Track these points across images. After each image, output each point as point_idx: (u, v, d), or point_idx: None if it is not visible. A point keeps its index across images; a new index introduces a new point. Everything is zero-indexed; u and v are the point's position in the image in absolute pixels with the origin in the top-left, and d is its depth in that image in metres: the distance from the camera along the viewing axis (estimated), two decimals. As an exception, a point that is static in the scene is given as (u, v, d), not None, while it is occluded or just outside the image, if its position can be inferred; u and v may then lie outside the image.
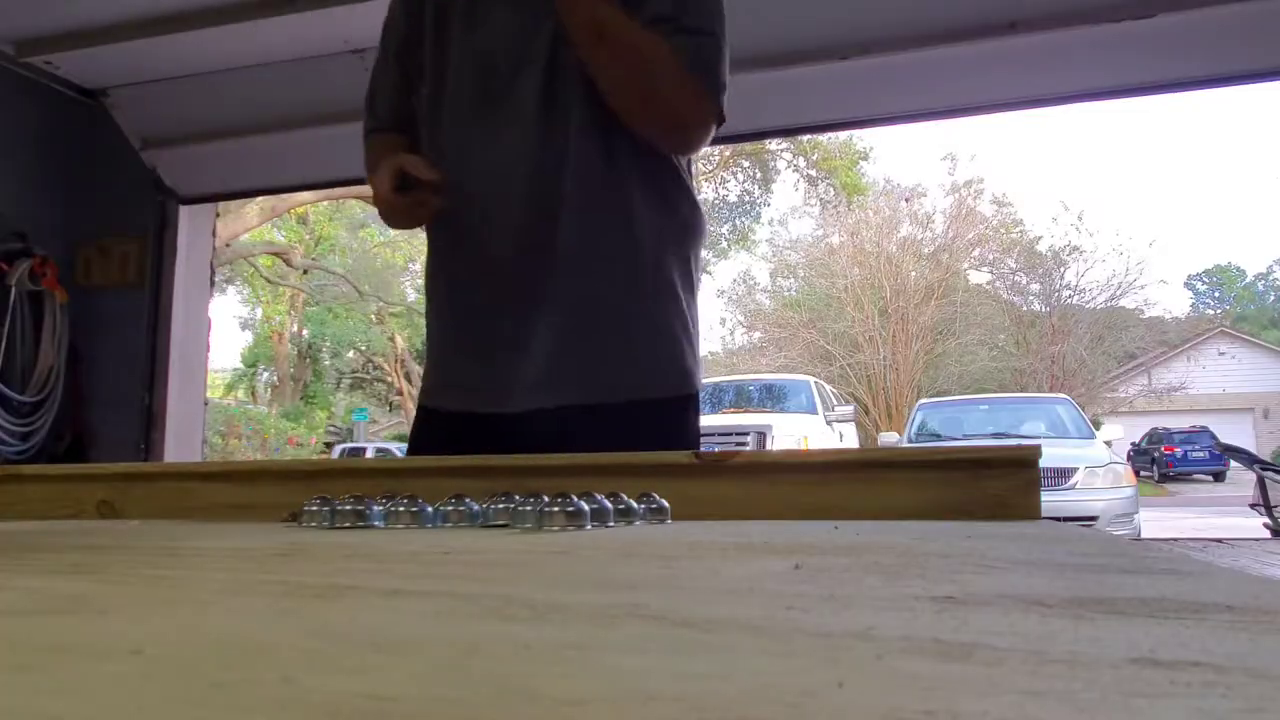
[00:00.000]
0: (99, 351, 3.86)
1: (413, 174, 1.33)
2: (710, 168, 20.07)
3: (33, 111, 3.71)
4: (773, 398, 12.14)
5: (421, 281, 1.77)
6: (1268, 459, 9.80)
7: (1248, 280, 44.24)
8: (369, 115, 1.58)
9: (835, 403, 12.96)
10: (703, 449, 1.17)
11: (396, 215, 1.41)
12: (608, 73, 1.36)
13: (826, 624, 0.34)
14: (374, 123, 1.57)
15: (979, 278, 22.81)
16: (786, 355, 20.92)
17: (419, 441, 1.50)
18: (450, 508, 0.84)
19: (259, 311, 27.08)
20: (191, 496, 1.21)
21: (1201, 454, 21.98)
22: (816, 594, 0.42)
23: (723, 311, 25.22)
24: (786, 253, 23.29)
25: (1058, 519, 1.14)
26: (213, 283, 4.25)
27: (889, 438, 13.30)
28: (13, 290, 3.56)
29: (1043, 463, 0.98)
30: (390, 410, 28.17)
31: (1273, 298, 42.60)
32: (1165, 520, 11.61)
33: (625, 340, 1.40)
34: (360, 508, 0.86)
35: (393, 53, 1.54)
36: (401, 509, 0.86)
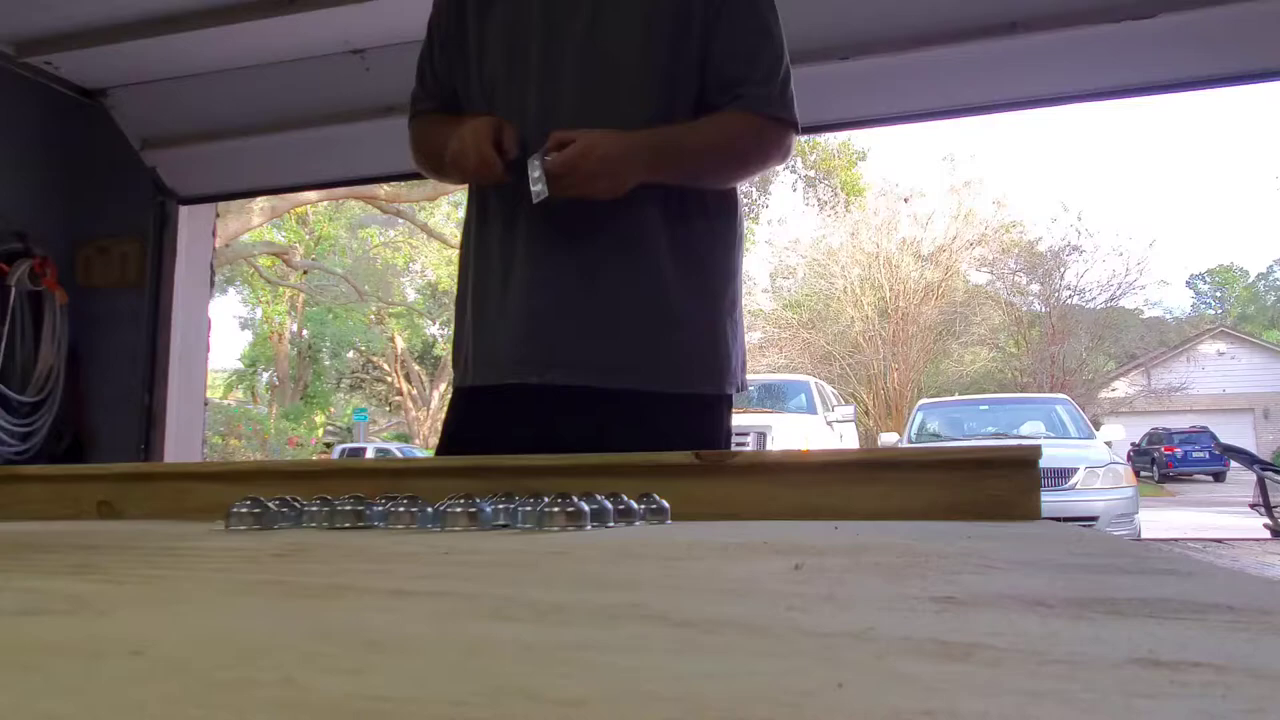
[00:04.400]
0: (99, 351, 3.86)
1: (506, 142, 1.33)
2: (710, 168, 20.02)
3: (33, 112, 3.71)
4: (772, 398, 12.12)
5: (422, 282, 1.77)
6: (1268, 459, 9.79)
7: (1250, 280, 44.21)
8: (422, 93, 1.58)
9: (835, 403, 12.95)
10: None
11: (470, 169, 1.36)
12: (698, 181, 1.41)
13: (826, 624, 0.34)
14: (429, 102, 1.57)
15: (979, 278, 22.81)
16: (786, 355, 20.90)
17: (463, 422, 1.48)
18: (450, 508, 0.84)
19: (259, 312, 27.06)
20: (191, 496, 1.21)
21: (1202, 454, 21.95)
22: (816, 594, 0.42)
23: (723, 311, 25.11)
24: (786, 253, 23.27)
25: (1058, 519, 1.14)
26: (213, 283, 4.24)
27: (889, 438, 13.30)
28: (13, 291, 3.56)
29: (1043, 463, 0.98)
30: (390, 411, 28.16)
31: (1274, 298, 42.56)
32: (1165, 520, 11.60)
33: (685, 334, 1.41)
34: (360, 508, 0.86)
35: (439, 41, 1.55)
36: (401, 509, 0.86)
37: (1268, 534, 8.10)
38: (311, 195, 13.52)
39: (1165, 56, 2.98)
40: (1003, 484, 0.96)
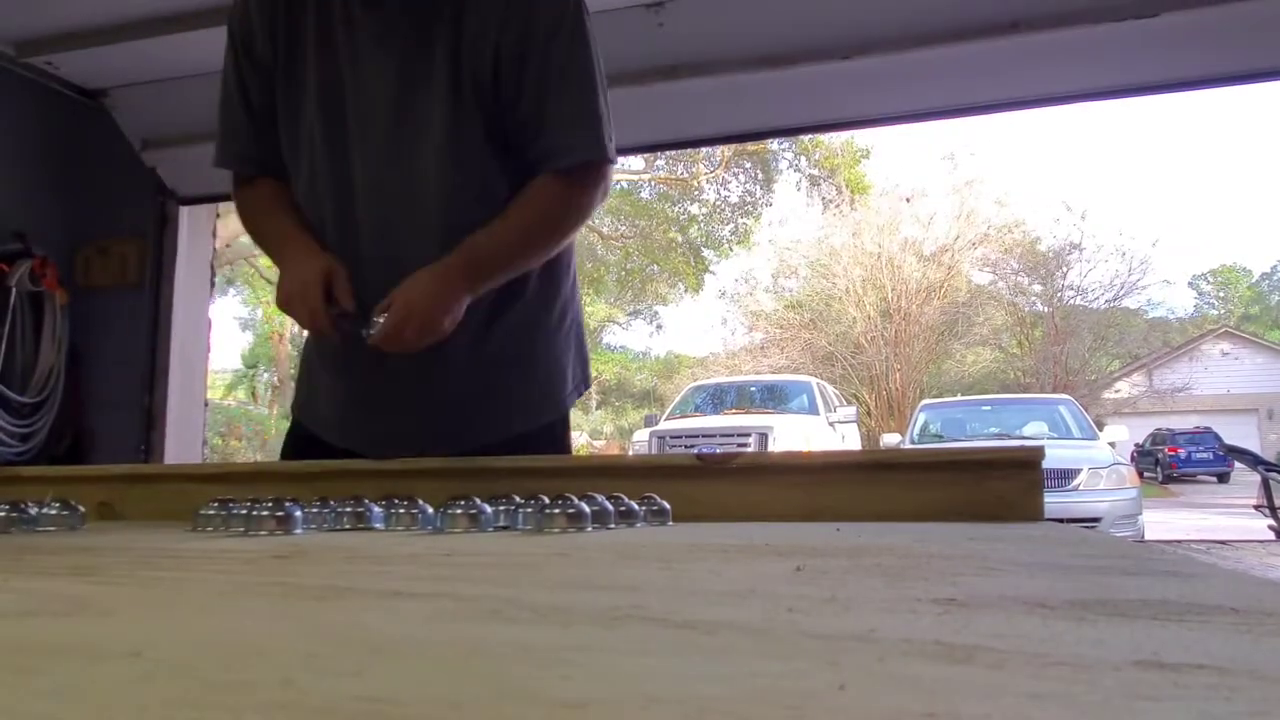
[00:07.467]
0: (99, 352, 3.86)
1: (338, 292, 1.30)
2: (712, 168, 20.06)
3: (33, 112, 3.71)
4: (774, 399, 12.12)
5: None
6: (1272, 460, 9.76)
7: (1254, 280, 44.11)
8: (233, 159, 1.54)
9: (837, 404, 12.94)
10: (704, 450, 1.17)
11: (303, 324, 1.34)
12: (524, 269, 1.38)
13: (828, 626, 0.34)
14: (246, 167, 1.53)
15: (981, 278, 22.78)
16: (788, 356, 20.89)
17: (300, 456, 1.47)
18: (451, 510, 0.84)
19: (259, 312, 27.05)
20: (191, 498, 1.21)
21: (1205, 455, 21.92)
22: (818, 596, 0.42)
23: (724, 311, 25.16)
24: (788, 253, 23.26)
25: (1060, 520, 1.14)
26: (213, 283, 4.24)
27: (891, 439, 13.28)
28: (13, 291, 3.56)
29: (1045, 464, 0.98)
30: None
31: (1278, 298, 42.47)
32: (1169, 522, 11.58)
33: (526, 378, 1.43)
34: (361, 509, 0.86)
35: (242, 91, 1.54)
36: (402, 510, 0.86)
37: (1272, 536, 8.09)
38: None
39: (1168, 56, 2.98)
40: (1005, 485, 0.96)
